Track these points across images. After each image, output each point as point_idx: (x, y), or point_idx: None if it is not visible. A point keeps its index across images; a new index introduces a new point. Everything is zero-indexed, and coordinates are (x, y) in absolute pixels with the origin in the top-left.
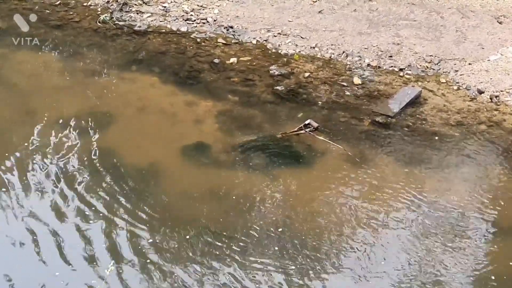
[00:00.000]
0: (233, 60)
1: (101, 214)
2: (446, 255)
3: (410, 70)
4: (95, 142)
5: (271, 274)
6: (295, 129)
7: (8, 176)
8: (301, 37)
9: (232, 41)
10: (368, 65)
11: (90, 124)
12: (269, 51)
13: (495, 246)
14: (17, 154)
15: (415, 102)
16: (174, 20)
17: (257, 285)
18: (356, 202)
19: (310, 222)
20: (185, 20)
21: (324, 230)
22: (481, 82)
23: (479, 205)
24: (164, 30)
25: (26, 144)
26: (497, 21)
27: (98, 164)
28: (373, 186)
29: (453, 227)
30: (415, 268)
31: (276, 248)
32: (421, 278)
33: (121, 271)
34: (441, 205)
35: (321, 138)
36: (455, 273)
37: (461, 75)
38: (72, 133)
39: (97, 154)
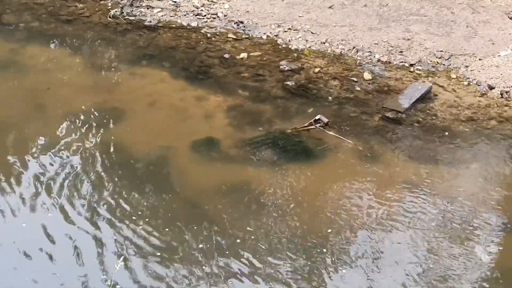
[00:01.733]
0: (243, 55)
1: (110, 209)
2: (457, 252)
3: (420, 65)
4: (105, 137)
5: (279, 271)
6: (305, 125)
7: (17, 171)
8: (312, 33)
9: (243, 36)
10: (379, 60)
11: (100, 119)
12: (280, 46)
13: (507, 243)
14: (27, 148)
15: (426, 97)
16: (185, 15)
17: (264, 281)
18: (367, 198)
19: (320, 218)
20: (196, 15)
21: (333, 225)
22: (492, 78)
23: (490, 201)
24: (174, 25)
25: (35, 139)
26: (508, 17)
27: (108, 159)
28: (384, 181)
29: (464, 223)
30: (426, 265)
31: (285, 244)
32: (432, 275)
33: (130, 266)
34: (452, 201)
35: (331, 133)
36: (467, 270)
37: (471, 70)
38: (82, 128)
39: (107, 148)
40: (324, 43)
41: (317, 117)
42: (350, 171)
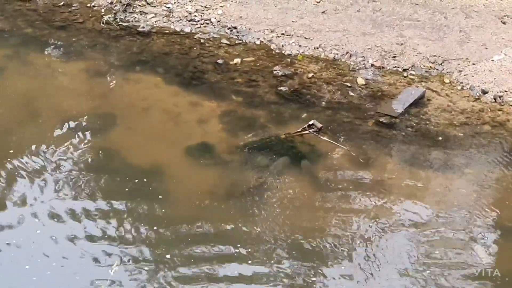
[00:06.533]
0: (236, 60)
1: (104, 214)
2: (451, 257)
3: (413, 70)
4: (99, 143)
5: (273, 276)
6: (299, 130)
7: (11, 176)
8: (305, 38)
9: (236, 42)
10: (372, 65)
11: (94, 124)
12: (273, 52)
13: (501, 247)
14: (21, 154)
15: (419, 102)
16: (178, 20)
17: (261, 284)
18: (360, 203)
19: (313, 223)
20: (189, 21)
21: (326, 231)
22: (485, 82)
23: (484, 205)
24: (167, 31)
25: (29, 145)
26: (501, 21)
27: (102, 165)
28: (377, 186)
29: (457, 228)
30: (419, 270)
31: (279, 250)
32: (424, 281)
33: (125, 271)
34: (445, 206)
35: (325, 138)
36: (461, 276)
37: (465, 75)
38: (76, 134)
39: (101, 154)
40: (317, 48)
41: (310, 122)
42: (343, 177)
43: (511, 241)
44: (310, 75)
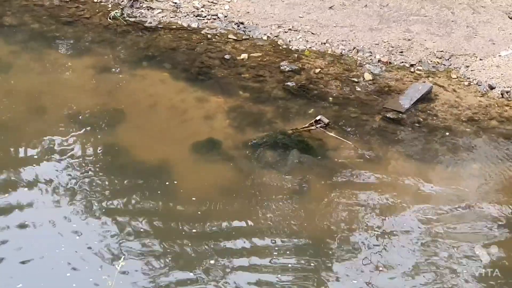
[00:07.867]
0: (244, 56)
1: (111, 211)
2: (458, 253)
3: (421, 65)
4: (105, 139)
5: (280, 274)
6: (306, 125)
7: (17, 173)
8: (312, 33)
9: (243, 37)
10: (379, 60)
11: (100, 121)
12: (280, 47)
13: (507, 243)
14: (27, 151)
15: (426, 98)
16: (185, 16)
17: (264, 285)
18: (366, 199)
19: (320, 220)
20: (196, 16)
21: (333, 227)
22: (492, 78)
23: (491, 201)
24: (174, 26)
25: (36, 141)
26: (508, 17)
27: (108, 161)
28: (384, 182)
29: (464, 223)
30: (425, 267)
31: (287, 246)
32: (432, 276)
33: (131, 266)
34: (452, 201)
35: (331, 134)
36: (468, 272)
37: (472, 70)
38: (83, 130)
39: (108, 151)
40: (324, 43)
41: (317, 118)
42: (349, 172)
43: None
44: (317, 70)
